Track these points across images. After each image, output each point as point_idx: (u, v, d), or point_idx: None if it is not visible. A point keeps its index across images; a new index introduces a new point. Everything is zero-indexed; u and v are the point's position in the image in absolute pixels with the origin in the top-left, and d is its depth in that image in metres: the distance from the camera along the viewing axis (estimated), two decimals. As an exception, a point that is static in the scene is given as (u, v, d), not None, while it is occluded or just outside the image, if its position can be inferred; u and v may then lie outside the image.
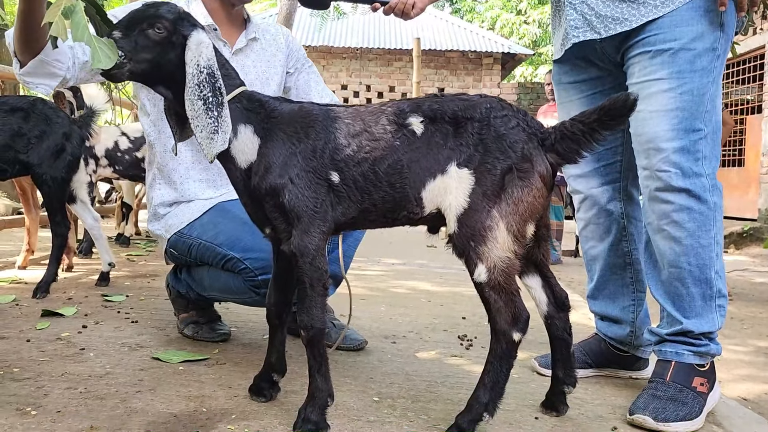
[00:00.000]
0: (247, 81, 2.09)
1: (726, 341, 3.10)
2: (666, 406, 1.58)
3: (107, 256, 3.13)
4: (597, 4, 1.74)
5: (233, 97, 1.45)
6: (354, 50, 13.87)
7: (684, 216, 1.65)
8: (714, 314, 1.69)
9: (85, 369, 1.78)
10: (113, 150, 4.32)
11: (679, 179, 1.64)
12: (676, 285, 1.70)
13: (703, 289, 1.68)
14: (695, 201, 1.65)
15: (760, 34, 8.73)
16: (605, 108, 1.38)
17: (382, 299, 3.13)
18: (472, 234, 1.37)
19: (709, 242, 1.67)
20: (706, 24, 1.64)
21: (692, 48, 1.64)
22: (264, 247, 1.82)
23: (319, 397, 1.41)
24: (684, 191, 1.64)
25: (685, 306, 1.69)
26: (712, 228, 1.67)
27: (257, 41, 2.17)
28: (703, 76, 1.64)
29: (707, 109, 1.65)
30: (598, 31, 1.74)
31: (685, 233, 1.66)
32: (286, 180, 1.39)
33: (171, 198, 2.10)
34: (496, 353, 1.40)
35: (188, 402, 1.56)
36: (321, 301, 1.41)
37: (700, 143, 1.65)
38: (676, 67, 1.64)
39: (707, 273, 1.67)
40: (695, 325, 1.68)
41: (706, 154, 1.66)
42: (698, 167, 1.64)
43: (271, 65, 2.18)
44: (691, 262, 1.67)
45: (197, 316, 2.18)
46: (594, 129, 1.39)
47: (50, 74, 1.72)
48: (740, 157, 9.70)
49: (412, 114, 1.43)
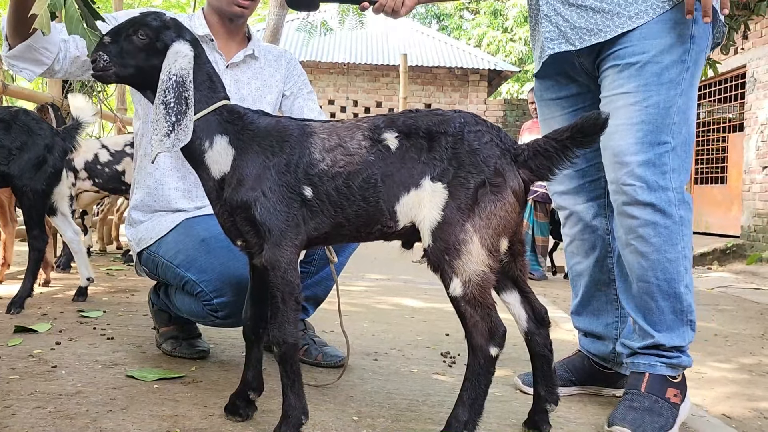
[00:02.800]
0: (240, 96, 2.09)
1: (710, 358, 3.09)
2: (643, 418, 1.59)
3: (86, 270, 3.07)
4: (572, 16, 1.73)
5: (214, 109, 1.46)
6: (341, 65, 13.91)
7: (649, 231, 1.64)
8: (685, 328, 1.69)
9: (56, 387, 1.72)
10: (93, 163, 4.26)
11: (644, 193, 1.63)
12: (646, 299, 1.69)
13: (672, 303, 1.67)
14: (660, 215, 1.63)
15: (741, 54, 8.87)
16: (577, 126, 1.39)
17: (365, 315, 3.10)
18: (446, 248, 1.36)
19: (677, 256, 1.65)
20: (675, 36, 1.64)
21: (659, 61, 1.63)
22: (218, 268, 1.80)
23: (293, 416, 1.37)
24: (649, 205, 1.63)
25: (655, 320, 1.69)
26: (679, 242, 1.65)
27: (256, 59, 2.17)
28: (670, 89, 1.63)
29: (675, 121, 1.64)
30: (573, 43, 1.74)
31: (651, 248, 1.65)
32: (258, 193, 1.38)
33: (144, 203, 2.07)
34: (474, 369, 1.38)
35: (161, 422, 1.51)
36: (294, 316, 1.39)
37: (666, 156, 1.63)
38: (642, 80, 1.64)
39: (676, 287, 1.67)
40: (666, 339, 1.67)
41: (674, 167, 1.64)
42: (665, 181, 1.63)
43: (267, 84, 2.17)
44: (659, 277, 1.66)
45: (177, 331, 2.14)
46: (566, 146, 1.40)
47: (36, 61, 1.76)
48: (723, 175, 9.80)
49: (386, 129, 1.43)
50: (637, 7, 1.65)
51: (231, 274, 1.79)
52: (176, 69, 1.40)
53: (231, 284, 1.79)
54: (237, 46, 2.14)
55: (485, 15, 22.27)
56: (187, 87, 1.40)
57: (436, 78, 14.22)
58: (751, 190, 8.61)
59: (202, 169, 1.47)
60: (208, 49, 2.07)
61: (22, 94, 4.37)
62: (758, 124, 8.48)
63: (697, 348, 3.31)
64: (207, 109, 1.45)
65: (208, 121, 1.45)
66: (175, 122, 1.38)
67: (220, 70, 2.08)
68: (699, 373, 2.81)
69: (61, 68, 1.80)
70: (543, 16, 1.79)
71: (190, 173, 1.60)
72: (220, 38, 2.11)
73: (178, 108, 1.38)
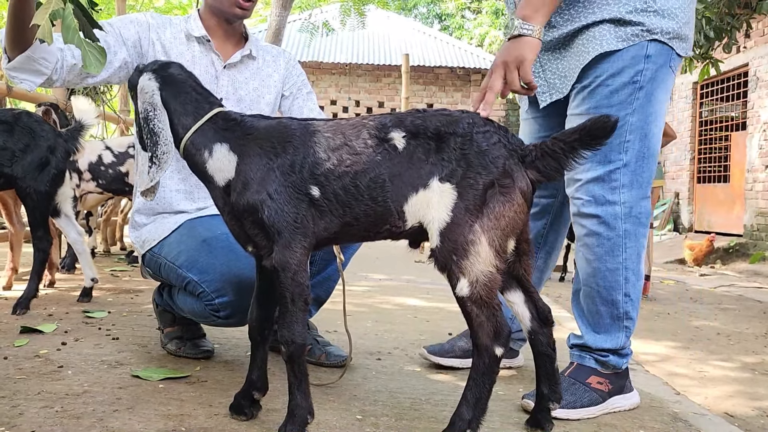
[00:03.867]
0: (237, 97, 2.10)
1: (712, 357, 3.10)
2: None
3: (90, 271, 3.09)
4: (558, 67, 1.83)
5: (209, 119, 1.48)
6: (343, 66, 13.92)
7: (593, 240, 1.78)
8: (619, 333, 1.80)
9: (63, 387, 1.74)
10: (96, 164, 4.28)
11: (590, 206, 1.76)
12: (588, 301, 1.83)
13: (610, 309, 1.79)
14: (604, 227, 1.76)
15: (744, 52, 8.86)
16: (586, 128, 1.39)
17: (368, 315, 3.11)
18: (454, 248, 1.36)
19: (617, 267, 1.77)
20: (627, 59, 1.71)
21: (609, 84, 1.73)
22: (220, 268, 1.81)
23: (299, 415, 1.38)
24: (594, 217, 1.76)
25: (593, 321, 1.82)
26: (620, 254, 1.76)
27: (254, 60, 2.16)
28: (620, 110, 1.71)
29: (627, 139, 1.73)
30: (562, 91, 1.84)
31: (593, 256, 1.79)
32: (265, 196, 1.39)
33: (146, 205, 2.08)
34: (479, 369, 1.38)
35: (167, 421, 1.53)
36: (302, 317, 1.40)
37: (617, 173, 1.74)
38: (593, 102, 1.74)
39: (614, 295, 1.78)
40: (596, 341, 1.80)
41: (625, 183, 1.74)
42: (612, 196, 1.75)
43: (265, 84, 2.17)
44: (599, 284, 1.79)
45: (182, 332, 2.15)
46: (574, 148, 1.41)
47: (36, 71, 1.77)
48: (725, 174, 9.79)
49: (394, 128, 1.42)
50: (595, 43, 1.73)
51: (233, 274, 1.80)
52: (140, 107, 1.48)
53: (232, 284, 1.80)
54: (234, 47, 2.14)
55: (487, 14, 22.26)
56: (151, 117, 1.47)
57: (438, 78, 14.23)
58: (753, 189, 8.60)
59: (207, 179, 1.49)
60: (204, 49, 2.08)
61: (26, 96, 4.39)
62: (761, 122, 8.48)
63: (700, 347, 3.32)
64: (200, 122, 1.48)
65: (204, 131, 1.48)
66: (152, 155, 1.46)
67: (218, 71, 2.09)
68: (701, 372, 2.82)
69: (59, 77, 1.81)
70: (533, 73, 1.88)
71: (191, 175, 1.62)
72: (217, 39, 2.11)
73: (151, 141, 1.46)
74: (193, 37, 2.07)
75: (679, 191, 10.86)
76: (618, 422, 1.71)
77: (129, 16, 2.04)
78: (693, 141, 10.58)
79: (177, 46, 2.05)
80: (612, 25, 1.71)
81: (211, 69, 2.08)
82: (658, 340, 3.44)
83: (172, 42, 2.05)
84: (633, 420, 1.74)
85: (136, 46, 2.00)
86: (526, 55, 1.55)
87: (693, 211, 10.52)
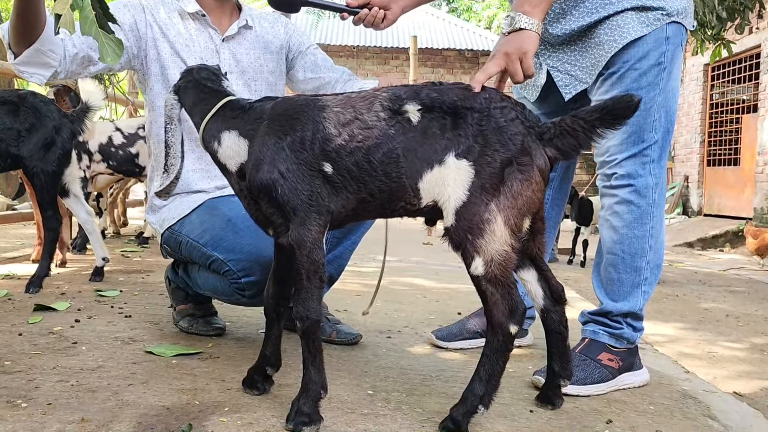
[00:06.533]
0: (240, 68, 2.09)
1: (721, 338, 3.10)
2: None
3: (101, 250, 3.11)
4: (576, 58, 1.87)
5: (218, 109, 1.53)
6: (351, 48, 13.86)
7: (624, 208, 1.83)
8: (639, 297, 1.85)
9: (77, 362, 1.76)
10: (107, 145, 4.29)
11: (624, 179, 1.82)
12: (610, 270, 1.87)
13: (632, 276, 1.84)
14: (636, 195, 1.81)
15: (756, 34, 8.74)
16: (608, 107, 1.37)
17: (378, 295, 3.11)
18: (469, 227, 1.35)
19: (644, 234, 1.83)
20: (651, 43, 1.77)
21: (638, 68, 1.78)
22: (247, 248, 1.81)
23: (313, 390, 1.39)
24: (628, 186, 1.82)
25: (613, 290, 1.86)
26: (648, 222, 1.82)
27: (251, 29, 2.15)
28: (649, 91, 1.78)
29: (655, 118, 1.80)
30: (585, 81, 1.87)
31: (622, 223, 1.84)
32: (277, 175, 1.39)
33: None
34: (493, 346, 1.39)
35: (180, 395, 1.54)
36: (317, 293, 1.40)
37: (648, 149, 1.81)
38: (623, 86, 1.78)
39: (638, 262, 1.84)
40: (615, 307, 1.84)
41: (654, 158, 1.82)
42: (644, 169, 1.81)
43: (266, 52, 2.15)
44: (625, 251, 1.84)
45: (194, 309, 2.17)
46: (594, 126, 1.39)
47: (45, 64, 1.74)
48: (736, 156, 9.71)
49: (408, 101, 1.40)
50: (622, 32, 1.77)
51: (260, 254, 1.80)
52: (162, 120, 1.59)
53: (260, 264, 1.80)
54: (229, 19, 2.12)
55: (495, -4, 22.01)
56: (167, 129, 1.55)
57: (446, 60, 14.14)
58: (764, 172, 8.53)
59: (222, 167, 1.53)
60: (200, 25, 2.07)
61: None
62: (773, 105, 8.38)
63: (709, 328, 3.32)
64: (209, 114, 1.53)
65: (214, 123, 1.52)
66: (166, 163, 1.57)
67: (217, 45, 2.08)
68: (711, 353, 2.83)
69: (63, 68, 1.78)
70: (550, 69, 1.93)
71: (204, 153, 1.63)
72: (212, 13, 2.09)
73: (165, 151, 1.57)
74: (188, 14, 2.06)
75: (688, 174, 10.79)
76: (628, 399, 1.72)
77: (121, 0, 2.02)
78: (703, 124, 10.49)
79: (173, 25, 2.04)
80: (635, 12, 1.77)
81: (210, 44, 2.07)
82: (667, 321, 3.44)
83: (168, 21, 2.04)
84: (643, 396, 1.75)
85: (134, 29, 1.99)
86: (528, 47, 1.55)
87: (703, 194, 10.46)
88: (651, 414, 1.62)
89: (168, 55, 2.02)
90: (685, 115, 10.96)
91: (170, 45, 2.03)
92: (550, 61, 1.93)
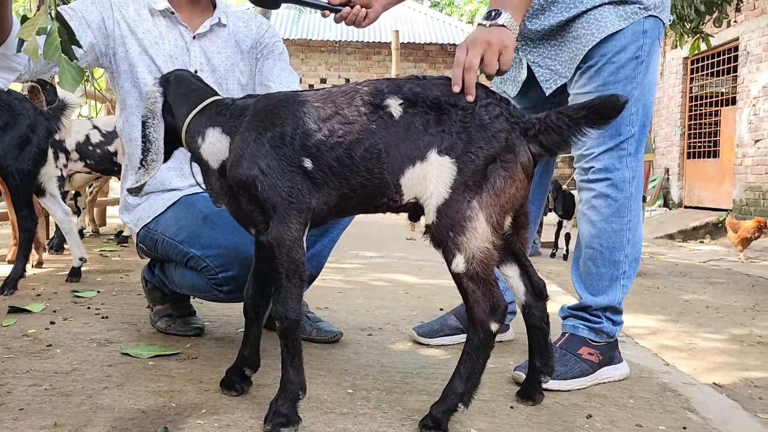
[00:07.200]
0: (211, 67, 2.06)
1: (701, 330, 3.13)
2: None
3: (78, 250, 3.06)
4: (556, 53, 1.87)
5: (202, 108, 1.50)
6: (332, 43, 13.79)
7: (602, 202, 1.83)
8: (617, 291, 1.85)
9: (51, 366, 1.73)
10: (84, 144, 4.22)
11: (602, 172, 1.82)
12: (588, 264, 1.87)
13: (610, 270, 1.84)
14: (613, 189, 1.81)
15: (734, 27, 8.83)
16: (595, 106, 1.36)
17: (359, 292, 3.11)
18: (451, 224, 1.34)
19: (621, 228, 1.83)
20: (629, 36, 1.77)
21: (615, 61, 1.77)
22: (224, 243, 1.79)
23: (291, 390, 1.37)
24: (605, 180, 1.81)
25: (592, 284, 1.86)
26: (626, 215, 1.82)
27: (225, 27, 2.10)
28: (626, 85, 1.78)
29: (632, 112, 1.80)
30: (565, 75, 1.87)
31: (600, 217, 1.83)
32: (257, 171, 1.36)
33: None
34: (473, 343, 1.38)
35: (157, 397, 1.52)
36: (297, 293, 1.38)
37: (625, 143, 1.81)
38: (601, 80, 1.78)
39: (616, 255, 1.84)
40: (594, 301, 1.84)
41: (631, 151, 1.82)
42: (621, 163, 1.81)
43: (238, 52, 2.11)
44: (603, 245, 1.84)
45: (171, 309, 2.14)
46: (579, 124, 1.38)
47: (9, 68, 1.71)
48: (715, 149, 9.82)
49: (390, 95, 1.38)
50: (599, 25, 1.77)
51: (238, 249, 1.78)
52: (143, 111, 1.51)
53: (238, 259, 1.78)
54: (201, 15, 2.08)
55: (477, -9, 22.03)
56: (149, 125, 1.50)
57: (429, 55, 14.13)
58: (743, 164, 8.63)
59: (203, 164, 1.50)
60: (170, 23, 2.03)
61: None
62: (750, 97, 8.48)
63: (690, 320, 3.35)
64: (194, 111, 1.49)
65: (198, 120, 1.49)
66: (143, 159, 1.50)
67: (187, 42, 2.04)
68: (691, 344, 2.85)
69: (27, 70, 1.75)
70: (531, 64, 1.93)
71: (179, 151, 1.60)
72: (183, 10, 2.05)
73: (144, 146, 1.50)
74: (157, 11, 2.02)
75: (669, 167, 10.89)
76: (608, 392, 1.72)
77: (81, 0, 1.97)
78: (683, 116, 10.59)
79: (142, 22, 2.00)
80: (612, 6, 1.78)
81: (180, 41, 2.03)
82: (648, 313, 3.46)
83: (137, 19, 2.00)
84: (623, 390, 1.75)
85: (101, 27, 1.95)
86: (509, 42, 1.52)
87: (683, 186, 10.56)
88: (631, 408, 1.62)
89: (136, 53, 1.99)
90: (665, 108, 11.06)
91: (138, 43, 1.99)
92: (530, 56, 1.94)
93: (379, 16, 1.97)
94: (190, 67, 2.03)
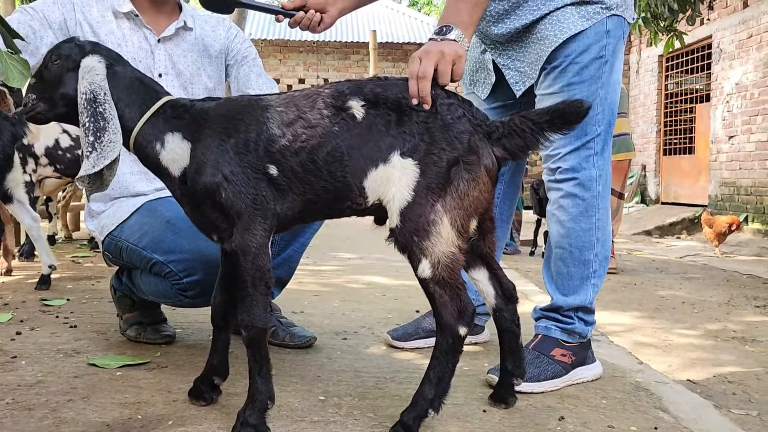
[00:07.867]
0: (176, 71, 2.02)
1: (676, 325, 3.15)
2: None
3: (47, 257, 3.00)
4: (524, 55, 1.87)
5: (156, 110, 1.42)
6: (310, 43, 13.71)
7: (569, 201, 1.83)
8: (588, 291, 1.85)
9: (15, 378, 1.68)
10: (54, 148, 4.11)
11: (568, 172, 1.82)
12: (559, 264, 1.87)
13: (581, 269, 1.84)
14: (581, 188, 1.81)
15: (707, 25, 8.94)
16: (558, 111, 1.36)
17: (335, 295, 3.08)
18: (415, 229, 1.33)
19: (590, 227, 1.83)
20: (592, 36, 1.77)
21: (579, 61, 1.77)
22: (187, 248, 1.76)
23: (259, 400, 1.35)
24: (572, 180, 1.82)
25: (563, 284, 1.86)
26: (594, 214, 1.82)
27: (191, 31, 2.07)
28: (591, 84, 1.78)
29: (598, 112, 1.79)
30: (532, 76, 1.87)
31: (568, 217, 1.83)
32: (220, 178, 1.33)
33: (102, 193, 2.00)
34: (442, 348, 1.36)
35: (123, 409, 1.48)
36: (263, 300, 1.36)
37: (591, 142, 1.81)
38: (565, 80, 1.78)
39: (586, 255, 1.84)
40: (565, 301, 1.84)
41: (598, 151, 1.82)
42: (588, 162, 1.81)
43: (204, 56, 2.08)
44: (572, 244, 1.83)
45: (142, 317, 2.10)
46: (543, 129, 1.37)
47: None
48: (690, 145, 9.93)
49: (352, 97, 1.36)
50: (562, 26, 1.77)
51: (201, 253, 1.75)
52: (85, 86, 1.37)
53: (201, 263, 1.75)
54: (167, 19, 2.04)
55: (455, -10, 22.08)
56: (101, 101, 1.37)
57: (407, 55, 14.10)
58: (717, 160, 8.74)
59: (162, 171, 1.44)
60: (134, 25, 1.99)
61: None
62: (724, 94, 8.59)
63: (665, 316, 3.37)
64: (148, 113, 1.42)
65: (153, 123, 1.42)
66: (95, 140, 1.35)
67: (152, 45, 2.00)
68: (666, 341, 2.87)
69: None
70: (501, 66, 1.93)
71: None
72: (147, 13, 2.01)
73: (95, 126, 1.35)
74: (121, 14, 1.98)
75: (645, 163, 11.00)
76: (581, 393, 1.72)
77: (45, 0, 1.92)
78: (659, 114, 10.70)
79: (105, 24, 1.96)
80: (574, 7, 1.78)
81: (144, 44, 1.99)
82: (624, 310, 3.48)
83: (100, 21, 1.95)
84: (596, 391, 1.75)
85: (62, 27, 1.91)
86: (462, 52, 1.50)
87: (660, 182, 10.67)
88: (603, 408, 1.62)
89: None
90: (641, 106, 11.17)
91: None
92: (500, 59, 1.94)
93: (335, 21, 1.93)
94: (155, 71, 1.99)
